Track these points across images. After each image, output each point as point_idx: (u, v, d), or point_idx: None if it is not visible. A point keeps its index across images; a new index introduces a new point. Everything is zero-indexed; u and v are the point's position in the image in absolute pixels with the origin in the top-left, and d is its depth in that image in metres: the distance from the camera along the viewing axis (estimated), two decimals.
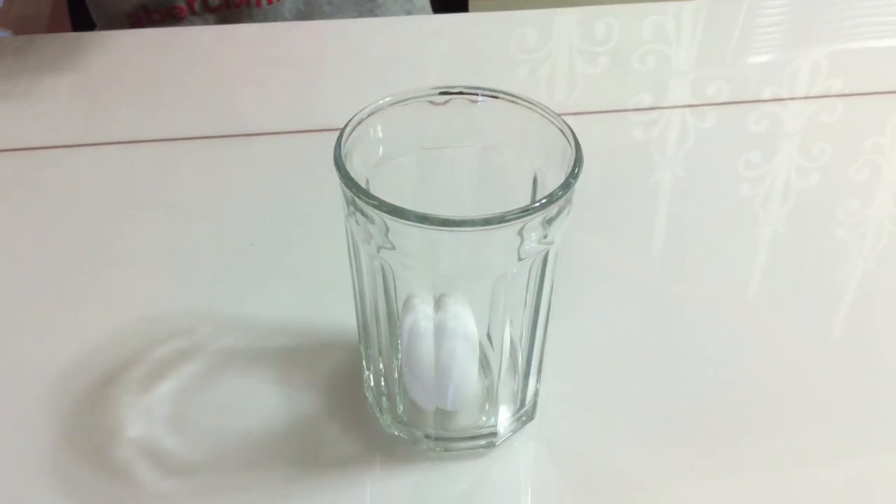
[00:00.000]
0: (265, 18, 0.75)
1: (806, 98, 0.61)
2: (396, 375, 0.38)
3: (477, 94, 0.37)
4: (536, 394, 0.39)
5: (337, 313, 0.43)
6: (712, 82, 0.62)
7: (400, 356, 0.37)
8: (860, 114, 0.60)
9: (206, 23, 0.75)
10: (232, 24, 0.75)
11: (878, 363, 0.43)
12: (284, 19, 0.76)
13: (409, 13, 0.82)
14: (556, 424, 0.39)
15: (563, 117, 0.36)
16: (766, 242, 0.50)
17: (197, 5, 0.75)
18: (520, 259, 0.33)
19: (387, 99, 0.36)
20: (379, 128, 0.36)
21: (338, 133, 0.35)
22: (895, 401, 0.41)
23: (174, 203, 0.51)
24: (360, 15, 0.79)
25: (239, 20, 0.75)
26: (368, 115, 0.36)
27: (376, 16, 0.79)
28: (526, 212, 0.32)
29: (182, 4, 0.74)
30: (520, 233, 0.32)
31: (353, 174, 0.33)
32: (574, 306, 0.44)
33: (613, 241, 0.49)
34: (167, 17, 0.75)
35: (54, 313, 0.44)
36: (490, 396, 0.37)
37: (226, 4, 0.75)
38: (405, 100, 0.37)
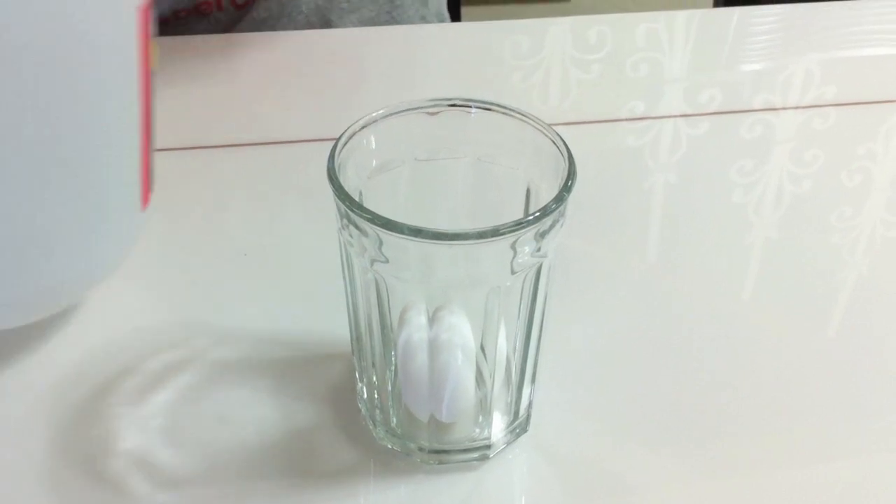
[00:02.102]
0: (282, 10, 0.75)
1: (798, 107, 0.61)
2: (390, 388, 0.38)
3: (470, 106, 0.37)
4: (530, 405, 0.39)
5: (330, 325, 0.43)
6: (705, 90, 0.62)
7: (393, 368, 0.37)
8: (853, 122, 0.60)
9: (230, 18, 0.75)
10: (253, 17, 0.74)
11: (873, 366, 0.43)
12: (300, 12, 0.76)
13: (423, 17, 0.81)
14: (550, 436, 0.39)
15: (557, 126, 0.36)
16: (760, 249, 0.50)
17: (224, 1, 0.74)
18: (513, 272, 0.33)
19: (380, 111, 0.36)
20: (373, 139, 0.36)
21: (331, 144, 0.35)
22: (890, 402, 0.42)
23: (167, 213, 0.51)
24: (378, 13, 0.78)
25: (259, 14, 0.75)
26: (362, 127, 0.36)
27: (393, 17, 0.79)
28: (519, 225, 0.32)
29: None
30: (513, 246, 0.32)
31: (346, 186, 0.33)
32: (567, 315, 0.44)
33: (607, 248, 0.50)
34: (193, 13, 0.75)
35: (47, 324, 0.44)
36: (484, 408, 0.37)
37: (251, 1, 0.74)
38: (399, 111, 0.37)
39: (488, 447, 0.38)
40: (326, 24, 0.76)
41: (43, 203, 0.37)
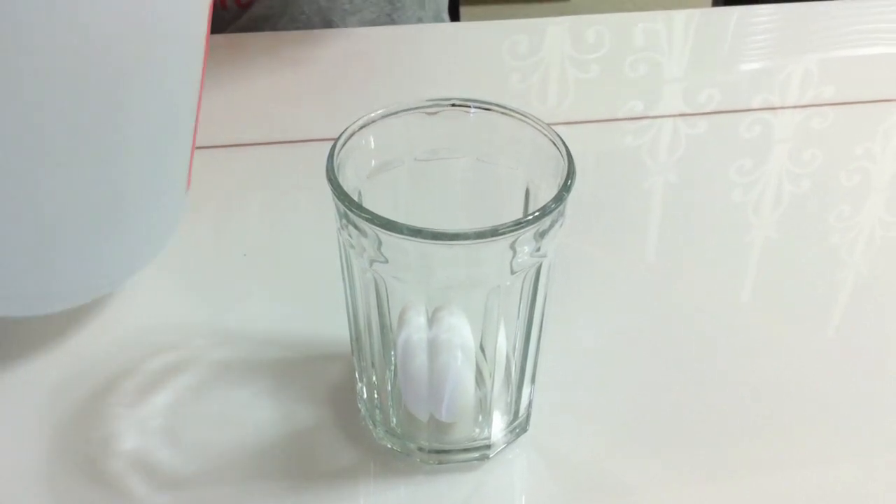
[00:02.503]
0: (284, 9, 0.75)
1: (797, 106, 0.61)
2: (390, 388, 0.38)
3: (469, 106, 0.37)
4: (530, 405, 0.39)
5: (330, 325, 0.43)
6: (704, 89, 0.62)
7: (393, 368, 0.37)
8: (851, 121, 0.60)
9: (233, 17, 0.75)
10: (254, 13, 0.74)
11: (873, 366, 0.43)
12: (302, 13, 0.76)
13: (419, 19, 0.81)
14: (549, 436, 0.39)
15: (555, 126, 0.36)
16: (759, 248, 0.50)
17: (229, 1, 0.74)
18: (513, 272, 0.33)
19: (379, 111, 0.36)
20: (371, 139, 0.36)
21: (330, 144, 0.35)
22: (890, 402, 0.42)
23: None
24: (378, 14, 0.78)
25: (260, 11, 0.74)
26: (361, 128, 0.36)
27: (393, 19, 0.79)
28: (518, 225, 0.32)
29: None
30: (512, 246, 0.32)
31: (345, 186, 0.33)
32: (567, 315, 0.44)
33: (607, 248, 0.50)
34: None
35: (47, 325, 0.44)
36: (483, 408, 0.37)
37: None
38: (398, 111, 0.37)
39: (488, 447, 0.38)
40: (328, 24, 0.76)
41: (116, 182, 0.38)
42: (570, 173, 0.34)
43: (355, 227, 0.33)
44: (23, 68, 0.33)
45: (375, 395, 0.38)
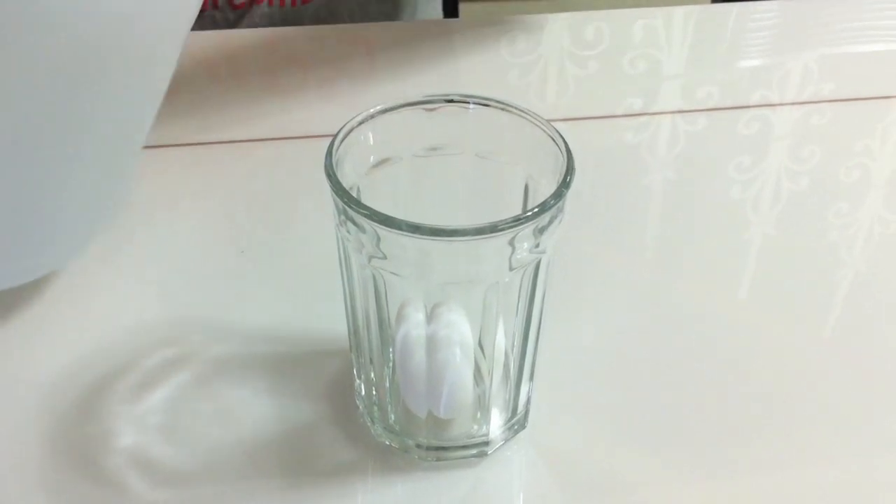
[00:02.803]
0: (285, 18, 0.75)
1: (795, 103, 0.61)
2: (388, 384, 0.37)
3: (468, 102, 0.37)
4: (528, 402, 0.39)
5: (328, 321, 0.43)
6: (703, 86, 0.62)
7: (391, 365, 0.37)
8: (850, 118, 0.60)
9: (226, 18, 0.75)
10: (252, 21, 0.74)
11: (872, 365, 0.43)
12: (302, 23, 0.76)
13: None
14: (548, 432, 0.39)
15: (554, 122, 0.36)
16: (757, 245, 0.50)
17: (221, 1, 0.74)
18: (511, 268, 0.33)
19: (378, 107, 0.36)
20: (370, 135, 0.36)
21: (329, 140, 0.35)
22: (890, 404, 0.42)
23: (166, 209, 0.51)
24: None
25: (258, 20, 0.75)
26: (359, 124, 0.36)
27: None
28: (517, 221, 0.32)
29: None
30: (511, 242, 0.32)
31: (344, 182, 0.33)
32: (566, 311, 0.44)
33: (605, 245, 0.49)
34: None
35: (44, 321, 0.44)
36: (482, 405, 0.37)
37: (249, 2, 0.74)
38: (396, 107, 0.37)
39: (486, 444, 0.38)
40: None
41: (68, 166, 0.39)
42: (570, 169, 0.33)
43: (353, 223, 0.33)
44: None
45: (374, 392, 0.38)
